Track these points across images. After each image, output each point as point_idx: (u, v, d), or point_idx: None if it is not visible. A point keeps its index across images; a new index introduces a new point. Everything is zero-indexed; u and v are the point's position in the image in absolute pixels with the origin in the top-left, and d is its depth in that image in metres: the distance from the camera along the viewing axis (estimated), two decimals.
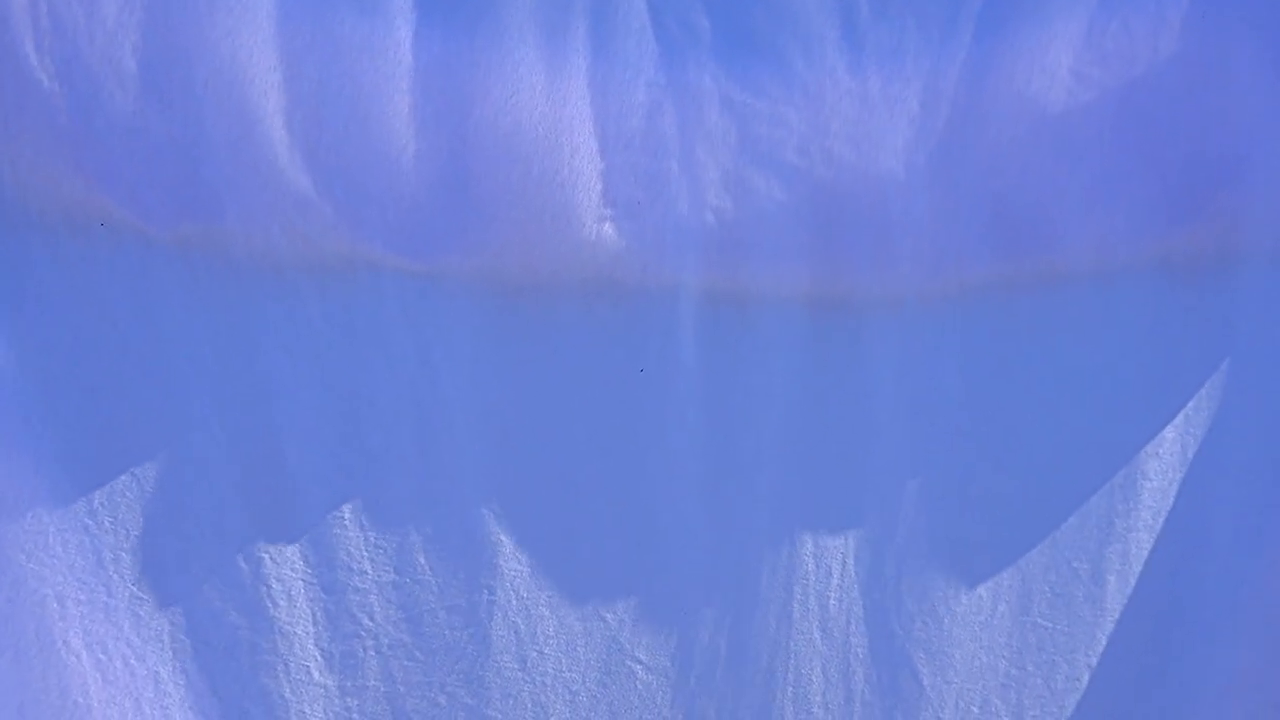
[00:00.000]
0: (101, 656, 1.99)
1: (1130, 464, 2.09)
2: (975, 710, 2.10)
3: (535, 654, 2.07)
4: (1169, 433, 2.09)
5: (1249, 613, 2.07)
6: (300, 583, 2.04)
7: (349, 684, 2.05)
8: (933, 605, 2.10)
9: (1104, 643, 2.10)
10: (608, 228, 2.02)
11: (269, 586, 2.03)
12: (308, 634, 2.04)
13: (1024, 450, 2.09)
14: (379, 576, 2.05)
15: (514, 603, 2.07)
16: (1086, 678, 2.11)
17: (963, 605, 2.10)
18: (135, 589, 2.01)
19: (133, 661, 2.00)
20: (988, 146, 2.02)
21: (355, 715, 2.05)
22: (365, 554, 2.05)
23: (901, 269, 2.05)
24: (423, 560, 2.06)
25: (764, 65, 2.02)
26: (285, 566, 2.03)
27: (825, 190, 2.03)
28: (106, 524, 2.00)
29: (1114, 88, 2.01)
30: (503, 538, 2.06)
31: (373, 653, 2.05)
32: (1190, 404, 2.08)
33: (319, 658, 2.04)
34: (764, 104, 2.02)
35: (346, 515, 2.04)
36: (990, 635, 2.10)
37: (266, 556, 2.03)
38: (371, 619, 2.05)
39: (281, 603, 2.03)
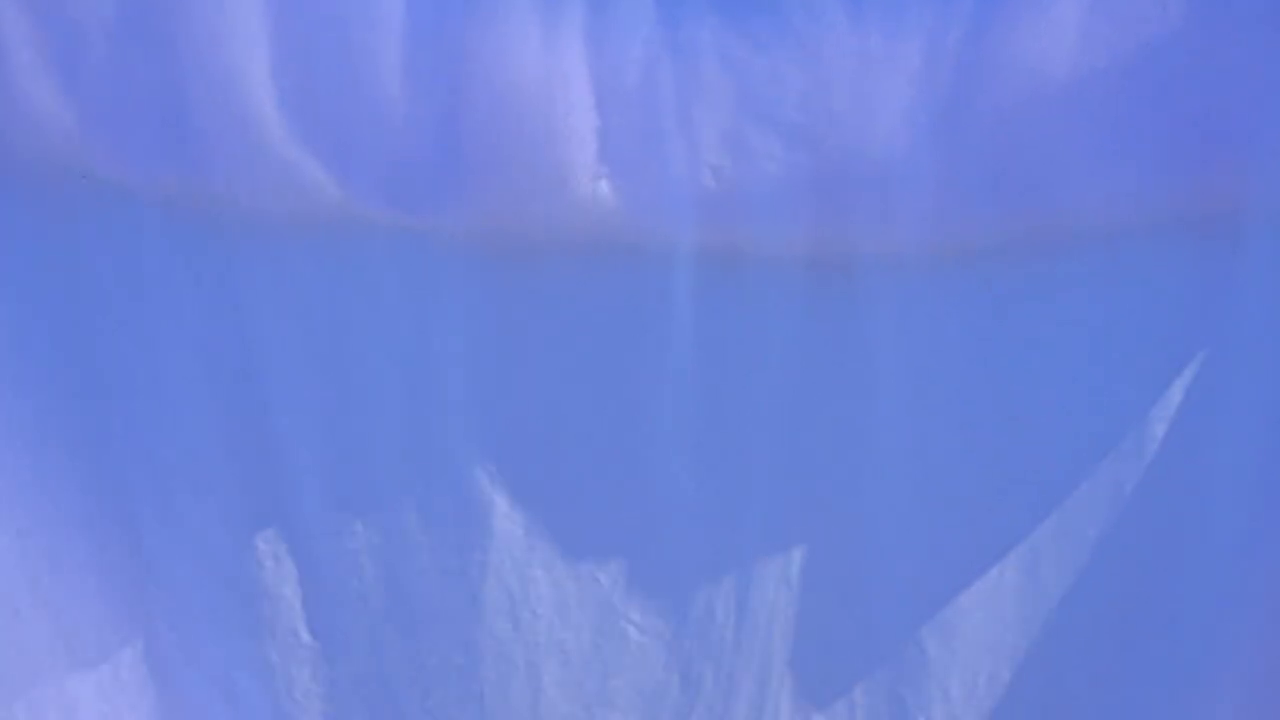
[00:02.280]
0: (78, 618, 1.99)
1: (1138, 427, 2.05)
2: (981, 680, 2.08)
3: (528, 615, 2.06)
4: (1176, 395, 2.05)
5: (1260, 577, 2.03)
6: (287, 544, 2.03)
7: (338, 646, 2.04)
8: (937, 573, 2.07)
9: (1113, 610, 2.06)
10: (603, 186, 2.00)
11: (255, 548, 2.02)
12: (295, 596, 2.03)
13: (1030, 414, 2.06)
14: (370, 537, 2.04)
15: (507, 564, 2.06)
16: (1095, 647, 2.07)
17: (968, 573, 2.07)
18: (115, 550, 2.01)
19: (109, 626, 2.00)
20: (992, 103, 1.98)
21: (344, 677, 2.05)
22: (356, 514, 2.04)
23: (904, 229, 2.02)
24: (414, 521, 2.04)
25: (763, 20, 1.99)
26: (272, 527, 2.03)
27: (826, 148, 1.99)
28: (84, 484, 2.00)
29: (1121, 44, 1.96)
30: (496, 498, 2.05)
31: (362, 614, 2.05)
32: (1198, 366, 2.05)
33: (307, 620, 2.03)
34: (763, 60, 1.99)
35: (337, 475, 2.03)
36: (998, 604, 2.07)
37: (252, 518, 2.02)
38: (361, 580, 2.04)
39: (268, 564, 2.03)
